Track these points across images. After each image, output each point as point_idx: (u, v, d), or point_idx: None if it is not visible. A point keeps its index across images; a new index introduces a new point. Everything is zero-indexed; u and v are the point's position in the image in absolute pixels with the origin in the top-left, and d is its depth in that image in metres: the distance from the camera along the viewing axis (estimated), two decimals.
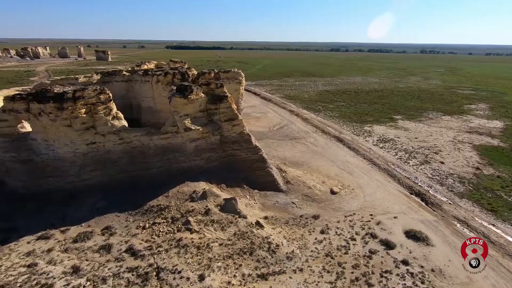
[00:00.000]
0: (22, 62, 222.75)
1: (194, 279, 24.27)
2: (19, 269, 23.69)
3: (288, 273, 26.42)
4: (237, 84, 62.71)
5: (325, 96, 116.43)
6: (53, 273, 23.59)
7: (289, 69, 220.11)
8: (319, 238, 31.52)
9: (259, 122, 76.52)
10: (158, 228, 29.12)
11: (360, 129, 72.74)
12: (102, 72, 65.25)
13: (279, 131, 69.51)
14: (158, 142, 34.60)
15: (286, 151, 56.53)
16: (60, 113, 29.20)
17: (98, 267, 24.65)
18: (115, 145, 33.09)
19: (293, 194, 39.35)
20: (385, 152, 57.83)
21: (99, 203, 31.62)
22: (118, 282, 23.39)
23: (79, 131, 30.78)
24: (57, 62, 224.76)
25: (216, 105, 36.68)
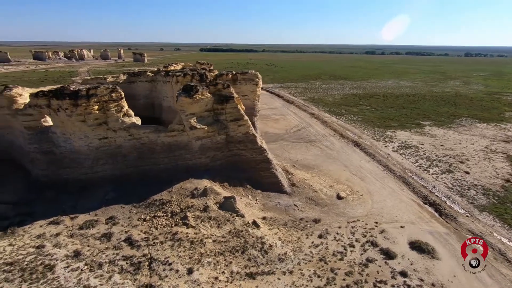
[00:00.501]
0: (69, 63, 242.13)
1: (183, 272, 25.13)
2: (28, 249, 26.13)
3: (277, 274, 26.36)
4: (254, 85, 63.17)
5: (350, 100, 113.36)
6: (57, 255, 25.72)
7: (318, 72, 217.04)
8: (316, 242, 31.02)
9: (277, 124, 76.60)
10: (157, 221, 30.48)
11: (381, 134, 69.98)
12: (128, 73, 69.16)
13: (296, 134, 69.03)
14: (165, 139, 36.20)
15: (299, 154, 56.06)
16: (75, 109, 31.79)
17: (97, 253, 26.42)
18: (125, 141, 35.19)
19: (297, 197, 39.03)
20: (404, 159, 55.15)
21: (108, 194, 33.78)
22: (112, 269, 24.91)
23: (92, 126, 33.22)
24: (98, 64, 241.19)
25: (222, 105, 37.56)
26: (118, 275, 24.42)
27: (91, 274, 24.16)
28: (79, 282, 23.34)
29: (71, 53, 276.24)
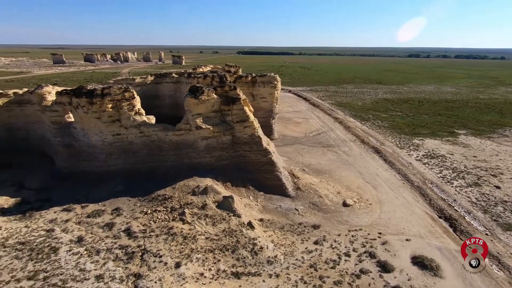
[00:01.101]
0: (114, 65, 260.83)
1: (171, 265, 26.20)
2: (40, 232, 28.98)
3: (263, 277, 26.38)
4: (272, 88, 63.43)
5: (381, 105, 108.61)
6: (62, 239, 28.22)
7: (352, 75, 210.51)
8: (310, 248, 30.45)
9: (297, 127, 75.90)
10: (157, 215, 32.03)
11: (407, 141, 66.22)
12: (155, 74, 73.18)
13: (314, 138, 67.86)
14: (172, 137, 37.89)
15: (313, 158, 55.12)
16: (91, 106, 34.62)
17: (97, 241, 28.52)
18: (136, 138, 37.45)
19: (300, 201, 38.53)
20: (427, 169, 51.72)
21: (117, 187, 36.17)
22: (108, 256, 26.74)
23: (106, 123, 35.89)
24: (140, 65, 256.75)
25: (229, 107, 38.38)
26: (112, 262, 26.15)
27: (88, 259, 26.18)
28: (77, 265, 25.41)
29: (117, 56, 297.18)
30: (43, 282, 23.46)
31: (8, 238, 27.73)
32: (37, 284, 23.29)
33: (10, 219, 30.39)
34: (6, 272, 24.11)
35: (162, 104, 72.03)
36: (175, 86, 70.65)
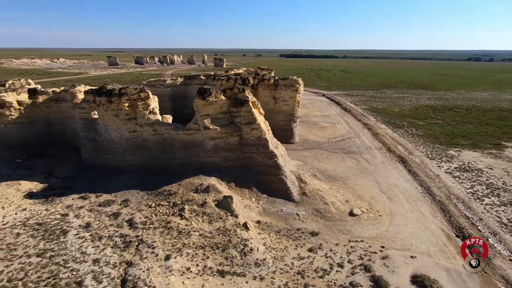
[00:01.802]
0: (161, 67, 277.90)
1: (161, 256, 27.58)
2: (56, 215, 32.39)
3: (247, 278, 26.56)
4: (293, 91, 62.82)
5: (421, 112, 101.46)
6: (73, 224, 31.23)
7: (396, 80, 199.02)
8: (302, 254, 29.86)
9: (321, 132, 74.18)
10: (159, 209, 33.84)
11: (440, 152, 61.11)
12: (185, 76, 76.89)
13: (337, 143, 65.76)
14: (183, 136, 39.68)
15: (330, 164, 53.56)
16: (110, 105, 37.80)
17: (102, 228, 31.05)
18: (150, 135, 39.93)
19: (303, 207, 37.85)
20: (456, 183, 47.34)
21: (131, 180, 38.87)
22: (107, 242, 29.01)
23: (123, 120, 38.85)
24: (183, 68, 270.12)
25: (237, 108, 39.09)
26: (110, 248, 28.32)
27: (90, 244, 28.66)
28: (80, 248, 27.98)
29: (164, 59, 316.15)
30: (48, 260, 26.27)
31: (29, 219, 31.49)
32: (43, 261, 26.17)
33: (35, 202, 34.41)
34: (21, 248, 27.45)
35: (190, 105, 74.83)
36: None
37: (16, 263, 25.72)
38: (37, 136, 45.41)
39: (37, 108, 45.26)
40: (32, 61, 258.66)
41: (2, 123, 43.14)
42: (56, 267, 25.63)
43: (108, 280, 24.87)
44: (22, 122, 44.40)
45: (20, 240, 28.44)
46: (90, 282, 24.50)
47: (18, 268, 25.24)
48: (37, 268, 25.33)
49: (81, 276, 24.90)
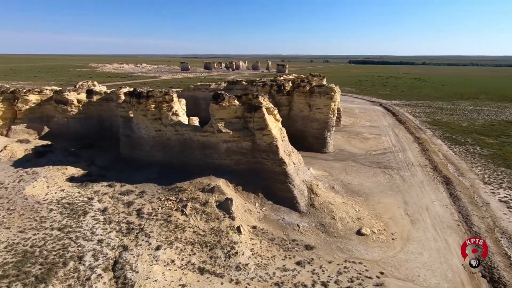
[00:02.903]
0: (226, 72, 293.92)
1: (153, 246, 29.95)
2: (83, 198, 37.69)
3: (224, 279, 27.08)
4: (328, 99, 60.33)
5: (496, 128, 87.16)
6: (94, 207, 35.96)
7: (476, 90, 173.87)
8: (288, 266, 29.04)
9: (362, 143, 69.59)
10: (166, 203, 36.57)
11: (503, 176, 51.78)
12: (228, 81, 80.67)
13: (375, 157, 60.97)
14: (199, 138, 42.09)
15: (357, 178, 50.14)
16: (139, 105, 42.39)
17: (115, 213, 35.04)
18: (173, 135, 43.40)
19: (307, 218, 36.51)
20: (508, 215, 39.81)
21: (152, 174, 42.79)
22: (114, 227, 32.67)
23: (150, 120, 43.10)
24: (245, 73, 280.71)
25: (251, 114, 39.77)
26: (115, 232, 31.87)
27: (101, 226, 32.71)
28: (91, 228, 32.20)
29: (230, 64, 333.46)
30: (65, 235, 30.94)
31: (63, 198, 37.36)
32: (61, 234, 30.94)
33: (73, 185, 40.57)
34: (49, 221, 32.88)
35: None
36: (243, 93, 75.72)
37: (41, 233, 30.96)
38: (90, 130, 53.31)
39: (91, 106, 53.20)
40: (120, 66, 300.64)
41: (65, 117, 51.92)
42: (68, 241, 30.06)
43: (104, 259, 28.14)
44: (79, 117, 52.73)
45: (51, 215, 34.06)
46: (89, 258, 28.09)
47: (41, 237, 30.38)
48: (54, 239, 30.10)
49: (83, 252, 28.72)
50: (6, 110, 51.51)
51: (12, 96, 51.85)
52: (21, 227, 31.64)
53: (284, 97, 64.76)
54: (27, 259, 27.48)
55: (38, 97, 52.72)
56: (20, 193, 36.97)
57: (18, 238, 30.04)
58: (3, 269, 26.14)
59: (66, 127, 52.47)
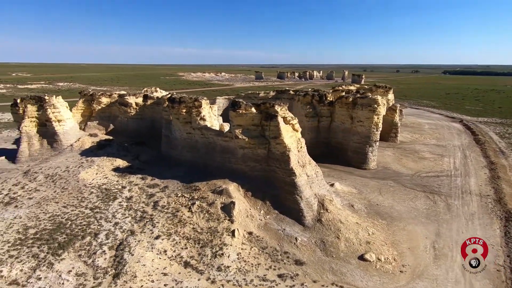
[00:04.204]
0: (297, 81, 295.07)
1: (154, 235, 33.22)
2: (118, 186, 43.79)
3: (202, 276, 28.49)
4: (370, 112, 55.60)
5: None
6: (123, 195, 41.60)
7: None
8: (269, 277, 28.70)
9: (414, 163, 61.92)
10: (180, 199, 39.76)
11: None
12: (276, 90, 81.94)
13: (424, 179, 53.68)
14: (221, 142, 44.45)
15: (390, 199, 45.26)
16: (173, 110, 47.27)
17: (136, 202, 39.85)
18: (200, 138, 46.93)
19: (309, 233, 34.98)
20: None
21: (179, 172, 46.96)
22: (131, 214, 37.26)
23: (182, 123, 47.53)
24: (317, 83, 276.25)
25: (267, 122, 40.22)
26: (130, 218, 36.43)
27: (121, 211, 37.74)
28: (114, 212, 37.44)
29: (303, 74, 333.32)
30: (93, 214, 36.87)
31: (104, 184, 44.27)
32: (90, 213, 36.97)
33: (115, 174, 47.57)
34: (86, 201, 39.58)
35: None
36: (290, 102, 76.30)
37: (77, 210, 37.59)
38: (144, 129, 61.48)
39: (146, 109, 61.40)
40: (202, 74, 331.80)
41: (125, 117, 61.22)
42: (93, 219, 35.79)
43: (113, 239, 32.67)
44: (136, 118, 61.42)
45: (90, 196, 40.90)
46: (102, 236, 32.98)
47: (76, 213, 36.93)
48: (84, 217, 36.24)
49: (100, 231, 33.85)
50: (85, 109, 63.74)
51: (90, 98, 63.91)
52: (66, 203, 39.00)
53: (325, 108, 62.72)
54: (59, 228, 33.91)
55: (108, 99, 63.65)
56: (75, 176, 45.38)
57: (60, 212, 37.18)
58: (40, 234, 32.91)
59: (126, 125, 61.79)
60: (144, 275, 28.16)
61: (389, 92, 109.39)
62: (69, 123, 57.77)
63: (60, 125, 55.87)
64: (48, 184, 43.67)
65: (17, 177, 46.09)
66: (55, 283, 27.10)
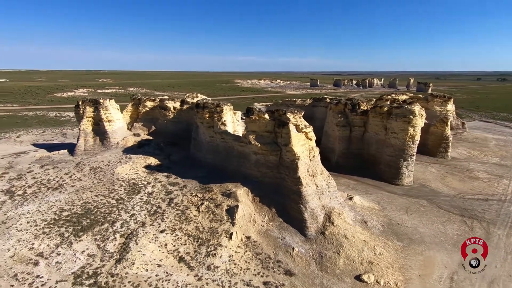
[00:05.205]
0: (354, 89, 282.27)
1: (159, 229, 35.81)
2: (144, 182, 48.00)
3: (192, 272, 29.93)
4: (405, 123, 50.62)
5: None
6: (146, 190, 45.50)
7: None
8: (254, 283, 28.79)
9: (461, 183, 54.64)
10: (192, 198, 41.95)
11: None
12: (313, 98, 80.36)
13: (467, 202, 47.09)
14: (238, 147, 45.62)
15: (415, 220, 40.98)
16: (197, 114, 50.17)
17: (155, 197, 43.27)
18: (220, 142, 48.85)
19: (309, 245, 33.79)
20: None
21: (200, 173, 49.49)
22: (147, 207, 40.59)
23: (205, 127, 50.10)
24: (375, 91, 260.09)
25: (279, 129, 40.13)
26: (146, 212, 39.81)
27: (140, 204, 41.45)
28: (134, 205, 41.33)
29: (362, 82, 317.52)
30: (116, 204, 41.33)
31: (133, 179, 49.05)
32: (115, 203, 41.48)
33: (145, 171, 52.28)
34: (115, 193, 44.44)
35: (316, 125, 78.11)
36: (326, 110, 74.60)
37: (105, 200, 42.55)
38: (180, 131, 66.22)
39: (182, 113, 66.14)
40: (258, 81, 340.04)
41: (164, 120, 66.92)
42: (115, 209, 40.14)
43: (126, 229, 36.25)
44: (174, 121, 66.60)
45: (119, 189, 45.81)
46: (118, 225, 36.83)
47: (103, 202, 41.86)
48: (108, 206, 40.87)
49: (117, 220, 37.83)
50: (133, 111, 71.45)
51: (138, 102, 71.43)
52: (98, 193, 44.43)
53: (358, 117, 59.58)
54: (86, 214, 38.91)
55: (152, 103, 70.32)
56: (112, 170, 51.32)
57: (91, 200, 42.56)
58: (71, 217, 38.22)
59: (165, 127, 67.44)
60: (141, 264, 30.67)
61: (448, 102, 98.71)
62: (118, 123, 65.43)
63: (110, 125, 63.63)
64: (90, 175, 50.27)
65: (70, 167, 53.98)
66: (69, 260, 31.30)
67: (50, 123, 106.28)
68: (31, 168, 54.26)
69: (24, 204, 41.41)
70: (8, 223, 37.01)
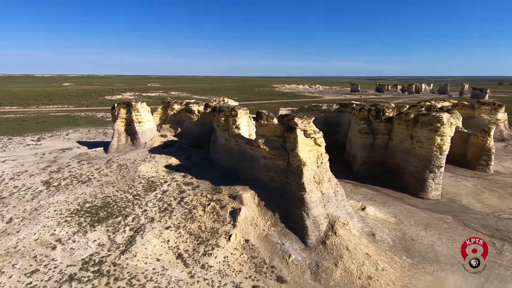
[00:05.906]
0: (397, 95, 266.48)
1: (165, 226, 37.56)
2: (162, 180, 50.59)
3: (187, 269, 31.03)
4: (431, 132, 46.41)
5: None
6: (161, 188, 47.95)
7: None
8: (243, 285, 28.97)
9: (499, 200, 49.04)
10: (201, 199, 43.21)
11: None
12: (340, 103, 77.86)
13: (501, 222, 42.10)
14: (249, 151, 45.96)
15: (434, 237, 37.73)
16: (214, 117, 51.60)
17: (169, 196, 45.38)
18: (234, 145, 49.65)
19: (307, 253, 32.89)
20: None
21: (215, 175, 50.78)
22: (159, 204, 42.76)
23: (221, 130, 51.32)
24: (424, 97, 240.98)
25: (287, 134, 39.69)
26: (157, 208, 42.01)
27: (153, 201, 43.77)
28: (148, 201, 43.81)
29: (408, 87, 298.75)
30: (133, 199, 44.20)
31: (152, 177, 51.92)
32: (131, 198, 44.39)
33: (165, 170, 55.01)
34: (133, 189, 47.51)
35: (341, 131, 76.60)
36: (350, 116, 72.15)
37: (124, 195, 45.73)
38: (203, 134, 68.50)
39: (206, 116, 68.48)
40: (296, 86, 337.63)
41: (190, 122, 69.91)
42: (130, 204, 42.98)
43: (136, 223, 38.66)
44: (198, 124, 69.26)
45: (138, 185, 48.90)
46: (130, 219, 39.39)
47: (121, 197, 45.04)
48: (125, 201, 43.88)
49: (130, 214, 40.47)
50: (162, 114, 75.79)
51: (167, 105, 75.62)
52: (119, 188, 47.91)
53: (382, 124, 56.51)
54: (105, 207, 42.22)
55: (179, 106, 73.88)
56: (136, 168, 54.96)
57: (112, 194, 46.04)
58: (91, 208, 41.76)
59: (190, 129, 70.42)
60: (142, 257, 32.49)
61: (498, 110, 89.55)
62: (147, 124, 69.90)
63: (140, 126, 68.23)
64: (115, 172, 54.39)
65: (101, 163, 58.93)
66: (81, 247, 34.27)
67: (96, 123, 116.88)
68: (70, 163, 60.25)
69: (56, 194, 46.18)
70: (39, 210, 41.61)
